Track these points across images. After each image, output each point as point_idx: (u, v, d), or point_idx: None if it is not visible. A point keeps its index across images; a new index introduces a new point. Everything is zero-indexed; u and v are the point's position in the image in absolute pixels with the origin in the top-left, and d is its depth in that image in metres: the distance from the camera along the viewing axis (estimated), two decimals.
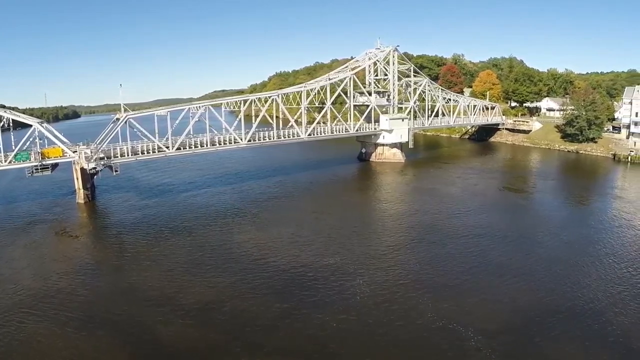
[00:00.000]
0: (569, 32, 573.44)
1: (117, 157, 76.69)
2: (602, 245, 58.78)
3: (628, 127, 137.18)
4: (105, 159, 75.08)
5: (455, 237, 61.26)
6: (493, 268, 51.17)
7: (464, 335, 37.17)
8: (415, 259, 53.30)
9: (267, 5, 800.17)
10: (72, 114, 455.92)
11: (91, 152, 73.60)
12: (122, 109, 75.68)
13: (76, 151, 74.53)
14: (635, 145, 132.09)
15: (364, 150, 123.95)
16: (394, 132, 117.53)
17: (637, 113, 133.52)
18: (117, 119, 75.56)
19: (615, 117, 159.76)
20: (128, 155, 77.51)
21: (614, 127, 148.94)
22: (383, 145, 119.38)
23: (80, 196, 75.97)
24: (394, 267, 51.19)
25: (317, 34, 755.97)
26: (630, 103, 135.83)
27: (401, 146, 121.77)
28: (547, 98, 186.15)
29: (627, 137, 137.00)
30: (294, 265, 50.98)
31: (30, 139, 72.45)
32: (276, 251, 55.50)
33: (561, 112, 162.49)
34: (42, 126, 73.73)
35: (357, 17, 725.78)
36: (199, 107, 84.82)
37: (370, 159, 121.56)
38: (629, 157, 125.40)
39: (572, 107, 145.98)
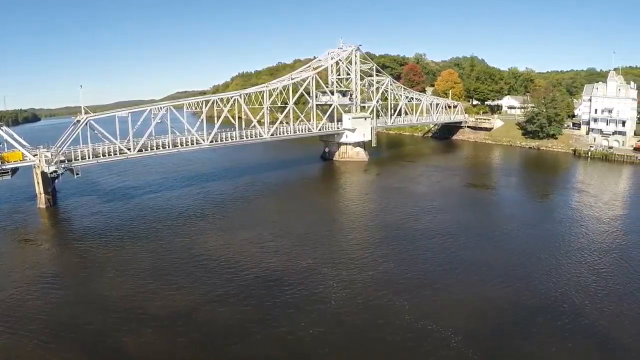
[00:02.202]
0: (529, 32, 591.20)
1: (78, 159, 76.95)
2: (569, 238, 62.09)
3: (588, 123, 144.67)
4: (66, 161, 75.38)
5: (425, 235, 62.86)
6: (467, 265, 52.40)
7: (443, 336, 37.63)
8: (388, 259, 53.90)
9: (228, 6, 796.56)
10: (31, 117, 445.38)
11: (52, 155, 73.95)
12: (83, 111, 76.12)
13: (37, 155, 74.27)
14: (594, 141, 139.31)
15: (327, 150, 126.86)
16: (357, 131, 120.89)
17: (596, 110, 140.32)
18: (78, 121, 75.99)
19: (575, 114, 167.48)
20: (89, 158, 77.87)
21: (574, 124, 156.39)
22: (346, 144, 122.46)
23: (42, 201, 75.32)
24: (368, 267, 51.81)
25: (280, 34, 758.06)
26: (590, 100, 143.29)
27: (364, 145, 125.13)
28: (508, 96, 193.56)
29: (587, 133, 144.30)
30: (265, 269, 50.90)
31: None
32: (245, 255, 55.21)
33: (522, 110, 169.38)
34: (1, 130, 73.68)
35: (319, 17, 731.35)
36: (161, 108, 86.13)
37: (334, 158, 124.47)
38: (589, 153, 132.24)
39: (533, 105, 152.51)
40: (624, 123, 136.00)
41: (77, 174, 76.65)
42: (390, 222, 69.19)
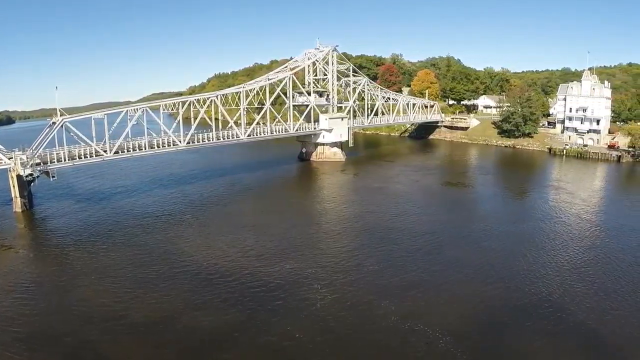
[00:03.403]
0: (505, 32, 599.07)
1: (54, 162, 76.89)
2: (549, 236, 64.07)
3: (562, 122, 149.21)
4: (42, 164, 75.39)
5: (407, 235, 63.65)
6: (449, 264, 53.30)
7: (432, 337, 37.87)
8: (371, 260, 54.14)
9: (203, 6, 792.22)
10: (5, 119, 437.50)
11: (27, 158, 73.81)
12: (58, 113, 76.15)
13: (12, 158, 73.87)
14: (569, 139, 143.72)
15: (304, 150, 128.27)
16: (334, 131, 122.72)
17: (571, 109, 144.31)
18: (54, 123, 76.07)
19: (550, 113, 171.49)
20: (65, 160, 77.82)
21: (549, 123, 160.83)
22: (323, 144, 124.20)
23: (17, 205, 74.60)
24: (352, 269, 51.92)
25: (256, 34, 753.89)
26: (565, 99, 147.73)
27: (341, 145, 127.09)
28: (484, 96, 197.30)
29: (562, 132, 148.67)
30: (248, 273, 50.52)
31: None
32: (227, 259, 54.90)
33: (498, 109, 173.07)
34: None
35: (295, 17, 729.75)
36: (137, 109, 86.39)
37: (311, 159, 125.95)
38: (564, 151, 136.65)
39: (509, 104, 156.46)
40: (598, 121, 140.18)
41: (53, 177, 76.62)
42: (371, 222, 70.00)
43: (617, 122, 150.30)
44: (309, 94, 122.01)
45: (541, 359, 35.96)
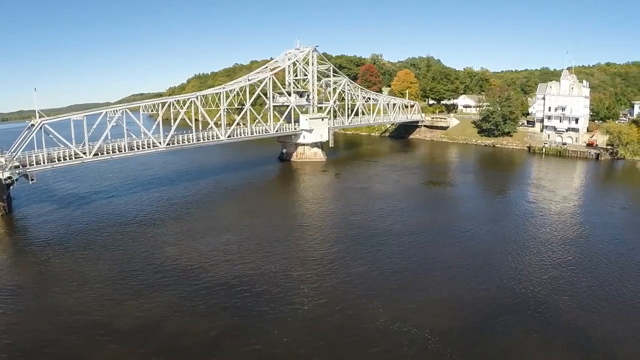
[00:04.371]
0: (484, 33, 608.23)
1: (33, 164, 76.40)
2: (532, 233, 65.48)
3: (542, 121, 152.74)
4: (21, 167, 74.98)
5: (391, 235, 64.23)
6: (435, 264, 53.99)
7: (421, 337, 38.15)
8: (357, 261, 54.37)
9: (183, 6, 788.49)
10: None
11: (5, 161, 73.40)
12: (37, 115, 75.89)
13: None
14: (549, 137, 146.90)
15: (284, 151, 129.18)
16: (314, 131, 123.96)
17: (550, 108, 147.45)
18: (32, 125, 75.84)
19: (530, 112, 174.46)
20: (44, 163, 77.51)
21: (528, 122, 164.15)
22: (304, 145, 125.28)
23: None
24: (339, 270, 51.96)
25: (236, 35, 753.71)
26: (544, 99, 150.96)
27: (322, 145, 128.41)
28: (463, 95, 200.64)
29: (541, 131, 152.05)
30: (233, 276, 50.36)
31: None
32: (210, 262, 54.70)
33: (477, 109, 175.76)
34: None
35: (275, 18, 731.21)
36: (117, 111, 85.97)
37: (292, 159, 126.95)
38: (544, 149, 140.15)
39: (488, 104, 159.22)
40: (577, 120, 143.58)
41: (33, 180, 75.97)
42: (356, 223, 70.51)
43: (596, 121, 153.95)
44: (289, 94, 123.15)
45: (530, 357, 36.63)
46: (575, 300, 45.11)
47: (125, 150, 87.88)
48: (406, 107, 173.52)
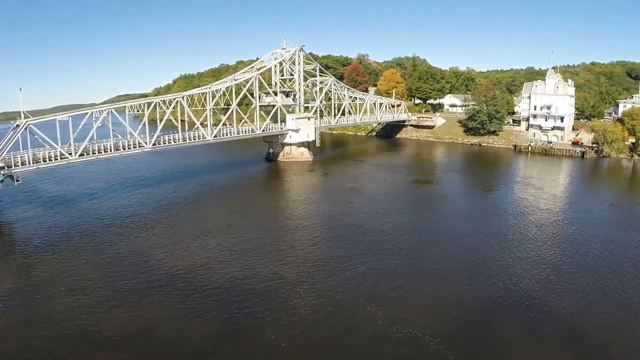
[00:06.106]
0: (470, 32, 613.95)
1: (19, 165, 76.33)
2: (522, 231, 66.69)
3: (527, 120, 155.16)
4: (6, 168, 75.13)
5: (383, 235, 64.42)
6: (429, 264, 54.40)
7: (421, 340, 37.95)
8: (351, 262, 54.31)
9: (168, 6, 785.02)
10: None
11: None
12: (22, 115, 76.06)
13: None
14: (534, 136, 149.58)
15: (271, 151, 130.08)
16: (301, 131, 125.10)
17: (535, 107, 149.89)
18: (18, 126, 75.99)
19: (515, 111, 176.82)
20: (30, 164, 77.59)
21: (514, 121, 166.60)
22: (290, 144, 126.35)
23: None
24: (333, 272, 51.67)
25: (222, 35, 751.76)
26: (529, 98, 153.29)
27: (308, 145, 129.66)
28: (449, 95, 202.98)
29: (527, 129, 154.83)
30: (225, 279, 49.81)
31: None
32: (202, 265, 53.91)
33: (463, 108, 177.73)
34: None
35: (261, 17, 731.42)
36: (102, 111, 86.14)
37: (278, 159, 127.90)
38: (529, 147, 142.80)
39: (474, 103, 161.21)
40: (562, 119, 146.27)
41: (18, 181, 76.00)
42: (347, 223, 70.71)
43: (581, 119, 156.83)
44: (276, 94, 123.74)
45: (526, 355, 37.23)
46: (568, 297, 45.84)
47: (111, 151, 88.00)
48: (393, 106, 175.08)
